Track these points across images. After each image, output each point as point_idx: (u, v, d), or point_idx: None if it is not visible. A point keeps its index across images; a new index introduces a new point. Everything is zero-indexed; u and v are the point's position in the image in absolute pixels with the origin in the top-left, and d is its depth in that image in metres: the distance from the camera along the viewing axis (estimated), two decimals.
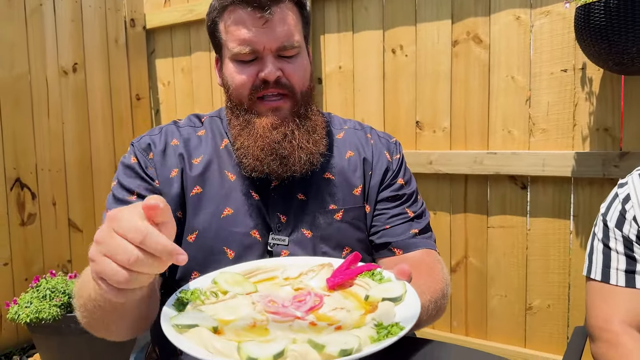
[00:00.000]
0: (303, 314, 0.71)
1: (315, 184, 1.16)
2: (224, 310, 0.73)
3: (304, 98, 1.13)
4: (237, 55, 1.08)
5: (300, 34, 1.12)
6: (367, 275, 0.81)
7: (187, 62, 3.23)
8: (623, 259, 1.16)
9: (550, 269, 2.15)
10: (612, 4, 1.65)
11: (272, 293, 0.78)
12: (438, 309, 1.04)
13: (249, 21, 1.05)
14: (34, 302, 2.38)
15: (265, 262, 0.91)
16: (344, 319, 0.70)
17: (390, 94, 2.48)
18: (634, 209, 1.16)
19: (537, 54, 2.11)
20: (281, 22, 1.06)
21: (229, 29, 1.08)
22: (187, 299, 0.76)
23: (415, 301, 0.73)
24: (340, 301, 0.75)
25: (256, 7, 1.04)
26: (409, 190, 1.23)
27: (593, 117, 2.02)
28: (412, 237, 1.17)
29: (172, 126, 1.22)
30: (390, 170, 1.22)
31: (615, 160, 1.94)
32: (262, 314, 0.72)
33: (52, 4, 2.92)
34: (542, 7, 2.08)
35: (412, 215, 1.20)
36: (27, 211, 2.85)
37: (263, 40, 1.06)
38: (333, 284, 0.79)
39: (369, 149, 1.24)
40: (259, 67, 1.08)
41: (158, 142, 1.16)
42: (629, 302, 1.14)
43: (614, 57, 1.72)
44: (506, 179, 2.21)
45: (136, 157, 1.15)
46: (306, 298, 0.75)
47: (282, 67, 1.09)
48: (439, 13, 2.31)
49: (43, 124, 2.90)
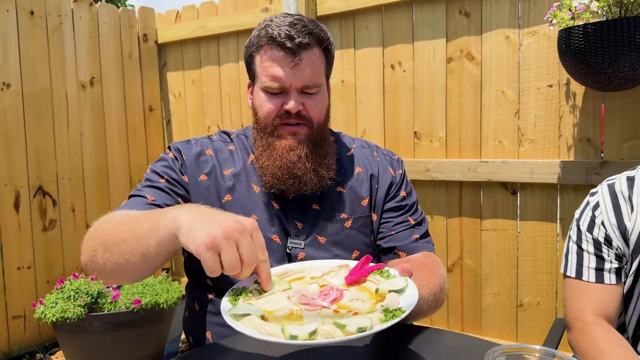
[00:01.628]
0: (328, 304, 0.89)
1: (328, 196, 1.34)
2: (267, 303, 0.91)
3: (319, 128, 1.30)
4: (268, 88, 1.26)
5: (322, 75, 1.30)
6: (377, 273, 0.99)
7: (197, 75, 3.41)
8: (594, 259, 1.32)
9: (539, 268, 2.32)
10: (589, 28, 1.80)
11: (302, 289, 0.95)
12: (437, 301, 1.21)
13: (281, 62, 1.23)
14: (59, 302, 2.55)
15: (294, 266, 1.09)
16: (359, 307, 0.88)
17: (390, 107, 2.65)
18: (602, 215, 1.33)
19: (525, 70, 2.27)
20: (307, 66, 1.24)
21: (264, 64, 1.26)
22: (238, 295, 0.94)
23: (414, 291, 0.90)
24: (356, 294, 0.93)
25: (288, 52, 1.22)
26: (411, 201, 1.41)
27: (577, 128, 2.19)
28: (414, 241, 1.35)
29: (207, 139, 1.40)
30: (394, 184, 1.40)
31: (597, 168, 2.10)
32: (296, 305, 0.89)
33: (71, 22, 3.10)
34: (529, 27, 2.24)
35: (413, 223, 1.38)
36: (48, 217, 3.02)
37: (290, 79, 1.23)
38: (350, 281, 0.97)
39: (375, 165, 1.42)
40: (284, 100, 1.26)
41: (193, 148, 1.35)
42: (599, 296, 1.30)
43: (592, 76, 1.87)
44: (498, 185, 2.38)
45: (172, 153, 1.34)
46: (330, 292, 0.93)
47: (304, 101, 1.26)
48: (435, 32, 2.48)
49: (63, 135, 3.08)
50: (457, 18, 2.41)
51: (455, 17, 2.42)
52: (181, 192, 1.28)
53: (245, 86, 3.14)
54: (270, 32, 1.23)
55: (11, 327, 2.90)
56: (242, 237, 0.85)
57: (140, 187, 1.27)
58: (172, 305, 2.69)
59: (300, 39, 1.22)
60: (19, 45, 2.88)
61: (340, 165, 1.39)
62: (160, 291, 2.67)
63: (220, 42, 3.28)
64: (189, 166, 1.32)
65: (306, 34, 1.23)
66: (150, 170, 1.31)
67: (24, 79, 2.91)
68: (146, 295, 2.61)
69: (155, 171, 1.30)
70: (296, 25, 1.23)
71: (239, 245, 0.85)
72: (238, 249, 0.85)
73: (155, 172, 1.30)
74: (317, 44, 1.27)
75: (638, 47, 1.76)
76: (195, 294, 1.35)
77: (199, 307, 1.32)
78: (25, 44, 2.91)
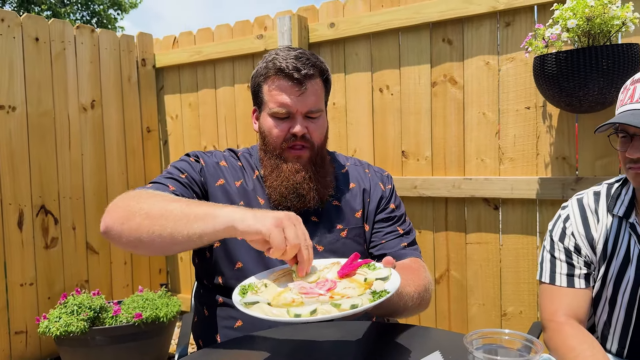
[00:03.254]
0: (324, 292, 1.03)
1: (326, 209, 1.48)
2: (271, 294, 1.05)
3: (319, 149, 1.46)
4: (276, 114, 1.41)
5: (323, 101, 1.47)
6: (365, 267, 1.13)
7: (194, 98, 3.54)
8: (565, 266, 1.45)
9: (521, 279, 2.43)
10: (562, 55, 1.95)
11: (301, 283, 1.09)
12: (421, 299, 1.34)
13: (288, 90, 1.39)
14: (63, 317, 2.64)
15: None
16: (351, 293, 1.02)
17: (379, 127, 2.79)
18: (572, 226, 1.47)
19: (504, 93, 2.41)
20: (311, 93, 1.40)
21: (272, 93, 1.41)
22: (246, 289, 1.08)
23: (397, 278, 1.05)
24: (348, 284, 1.07)
25: (296, 82, 1.38)
26: (399, 213, 1.56)
27: (553, 147, 2.32)
28: (403, 248, 1.49)
29: (220, 152, 1.54)
30: (384, 197, 1.55)
31: (572, 184, 2.23)
32: (297, 295, 1.03)
33: (73, 48, 3.23)
34: (508, 54, 2.39)
35: (402, 232, 1.52)
36: (50, 235, 3.11)
37: (297, 106, 1.40)
38: (342, 274, 1.11)
39: (367, 181, 1.57)
40: (290, 124, 1.41)
41: (212, 157, 1.50)
42: (570, 299, 1.42)
43: (565, 99, 2.01)
44: (481, 201, 2.50)
45: (193, 158, 1.47)
46: (325, 283, 1.07)
47: (307, 125, 1.42)
48: (420, 59, 2.63)
49: (65, 155, 3.19)
50: (441, 45, 2.57)
51: (439, 44, 2.57)
52: (198, 192, 1.41)
53: (240, 108, 3.30)
54: (278, 64, 1.38)
55: (13, 343, 2.96)
56: (295, 222, 1.04)
57: (161, 177, 1.39)
58: (171, 319, 2.79)
59: (306, 70, 1.38)
60: (24, 70, 3.00)
61: (336, 182, 1.53)
62: (160, 305, 2.76)
63: (217, 66, 3.41)
64: (208, 172, 1.46)
65: (310, 66, 1.39)
66: (171, 167, 1.45)
67: (29, 102, 3.01)
68: (147, 310, 2.71)
69: (176, 167, 1.44)
70: (301, 58, 1.39)
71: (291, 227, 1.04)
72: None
73: (177, 168, 1.43)
74: (319, 74, 1.43)
75: (605, 74, 1.91)
76: (204, 299, 1.47)
77: (208, 312, 1.44)
78: (30, 68, 3.02)
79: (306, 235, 1.06)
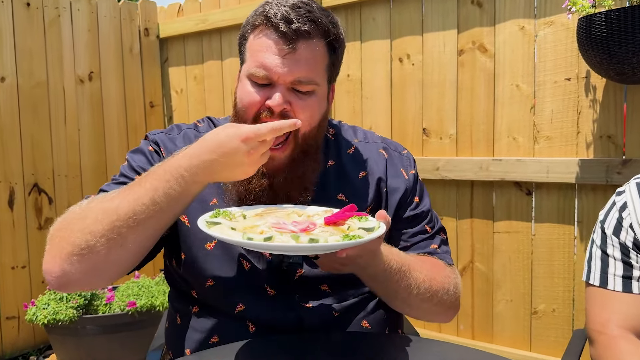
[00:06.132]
0: (297, 230, 0.92)
1: (329, 205, 1.12)
2: (242, 225, 0.95)
3: (305, 140, 1.11)
4: (252, 76, 1.08)
5: (322, 74, 1.11)
6: (356, 218, 0.99)
7: (199, 71, 3.32)
8: (620, 265, 1.21)
9: (555, 273, 2.21)
10: (613, 15, 1.72)
11: (279, 219, 0.98)
12: (433, 295, 1.12)
13: (272, 48, 1.06)
14: (52, 303, 2.47)
15: (284, 206, 1.08)
16: (321, 236, 0.90)
17: (398, 102, 2.55)
18: (631, 216, 1.21)
19: (541, 62, 2.17)
20: (303, 58, 1.06)
21: (253, 48, 1.09)
22: (220, 213, 0.98)
23: (382, 230, 0.92)
24: (327, 229, 0.95)
25: (281, 37, 1.05)
26: (425, 207, 1.26)
27: (596, 124, 2.08)
28: (433, 252, 1.22)
29: (192, 129, 1.24)
30: (408, 189, 1.24)
31: (618, 167, 1.99)
32: (268, 228, 0.93)
33: (69, 15, 3.04)
34: (546, 17, 2.14)
35: (430, 232, 1.24)
36: (44, 215, 2.95)
37: (279, 71, 1.05)
38: (329, 221, 0.97)
39: (382, 165, 1.25)
40: (269, 94, 1.07)
41: (175, 141, 1.20)
42: (626, 307, 1.19)
43: (615, 67, 1.78)
44: (511, 185, 2.27)
45: (151, 146, 1.19)
46: (303, 224, 0.96)
47: (292, 100, 1.07)
48: (445, 23, 2.38)
49: (60, 131, 3.01)
50: (469, 8, 2.32)
51: (467, 6, 2.33)
52: None
53: None
54: (267, 9, 1.07)
55: (4, 329, 2.83)
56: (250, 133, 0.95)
57: (112, 181, 1.14)
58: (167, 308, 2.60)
59: (299, 24, 1.04)
60: (14, 38, 2.83)
61: (339, 169, 1.23)
62: (157, 293, 2.59)
63: (223, 36, 3.20)
64: None
65: (309, 20, 1.05)
66: (126, 162, 1.18)
67: (20, 73, 2.85)
68: (142, 297, 2.53)
69: (131, 165, 1.16)
70: (300, 8, 1.06)
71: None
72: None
73: (131, 167, 1.16)
74: (321, 35, 1.09)
75: None
76: (178, 304, 1.22)
77: (181, 320, 1.19)
78: (21, 36, 2.84)
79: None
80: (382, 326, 1.22)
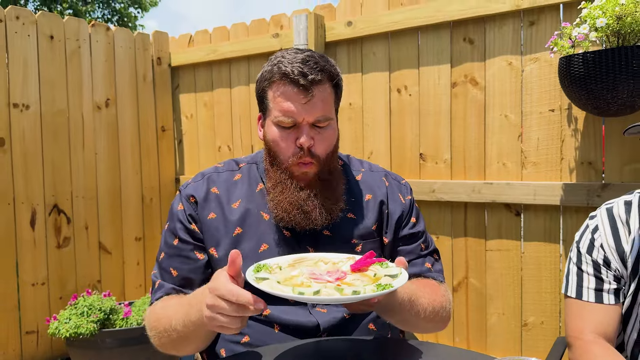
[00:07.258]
0: (333, 280, 1.06)
1: (339, 222, 1.37)
2: (283, 277, 1.08)
3: (327, 160, 1.35)
4: (281, 122, 1.30)
5: (332, 108, 1.35)
6: (378, 265, 1.15)
7: (209, 97, 3.50)
8: (593, 280, 1.37)
9: (542, 288, 2.35)
10: (589, 57, 1.87)
11: (313, 269, 1.12)
12: (436, 315, 1.29)
13: (294, 97, 1.27)
14: (73, 318, 2.61)
15: (309, 255, 1.23)
16: (359, 284, 1.05)
17: (397, 129, 2.72)
18: (602, 237, 1.39)
19: (527, 95, 2.33)
20: (319, 100, 1.29)
21: (276, 100, 1.30)
22: (261, 267, 1.12)
23: (405, 277, 1.07)
24: (358, 277, 1.09)
25: (302, 88, 1.26)
26: (421, 228, 1.47)
27: (578, 151, 2.24)
28: (427, 270, 1.43)
29: (214, 172, 1.45)
30: (405, 211, 1.46)
31: (598, 190, 2.15)
32: (307, 279, 1.06)
33: (88, 46, 3.21)
34: (532, 54, 2.31)
35: (425, 252, 1.45)
36: (62, 235, 3.09)
37: (303, 114, 1.28)
38: (354, 268, 1.12)
39: (383, 190, 1.46)
40: (296, 134, 1.30)
41: (200, 189, 1.41)
42: (598, 316, 1.35)
43: (592, 102, 1.93)
44: (502, 206, 2.43)
45: (182, 204, 1.41)
46: (336, 272, 1.10)
47: (315, 136, 1.31)
48: (440, 58, 2.56)
49: (78, 154, 3.17)
50: (462, 45, 2.49)
51: (460, 43, 2.50)
52: (195, 241, 1.38)
53: (255, 108, 3.24)
54: (283, 68, 1.27)
55: (24, 343, 2.95)
56: (214, 301, 1.03)
57: (165, 257, 1.39)
58: None
59: (313, 75, 1.26)
60: (39, 68, 2.99)
61: (350, 192, 1.44)
62: None
63: (232, 65, 3.37)
64: (199, 207, 1.38)
65: (318, 70, 1.28)
66: (165, 232, 1.42)
67: (43, 101, 3.00)
68: None
69: (170, 228, 1.41)
70: (308, 62, 1.28)
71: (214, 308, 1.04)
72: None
73: (172, 233, 1.40)
74: (328, 79, 1.31)
75: (635, 75, 1.83)
76: None
77: None
78: (45, 67, 3.01)
79: (230, 292, 1.02)
80: (386, 329, 1.41)
